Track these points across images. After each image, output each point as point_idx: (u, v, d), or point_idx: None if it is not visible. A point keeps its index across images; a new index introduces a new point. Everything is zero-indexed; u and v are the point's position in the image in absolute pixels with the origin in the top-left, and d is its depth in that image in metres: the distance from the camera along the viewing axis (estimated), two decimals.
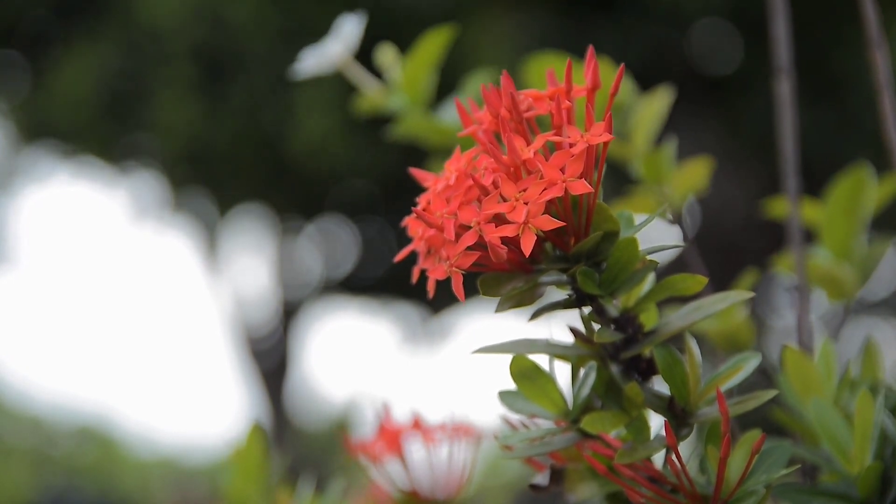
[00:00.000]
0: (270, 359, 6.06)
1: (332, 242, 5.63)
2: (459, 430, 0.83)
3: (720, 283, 0.84)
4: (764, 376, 0.75)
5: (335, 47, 0.90)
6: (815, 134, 3.75)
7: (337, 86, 3.67)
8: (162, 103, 4.22)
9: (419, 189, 0.58)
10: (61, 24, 4.50)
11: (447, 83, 0.93)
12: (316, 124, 3.89)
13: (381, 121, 0.94)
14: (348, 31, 0.90)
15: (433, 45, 0.90)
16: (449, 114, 0.91)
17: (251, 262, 6.03)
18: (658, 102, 0.87)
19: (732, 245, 4.39)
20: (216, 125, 4.21)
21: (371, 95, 0.91)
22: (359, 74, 0.91)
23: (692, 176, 0.87)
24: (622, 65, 0.57)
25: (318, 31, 0.94)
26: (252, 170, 4.52)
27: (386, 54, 0.92)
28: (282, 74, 0.92)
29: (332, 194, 4.98)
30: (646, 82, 0.92)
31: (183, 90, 4.17)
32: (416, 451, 0.82)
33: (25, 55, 4.73)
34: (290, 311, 6.01)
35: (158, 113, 4.24)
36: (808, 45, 3.67)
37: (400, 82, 0.90)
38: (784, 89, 0.85)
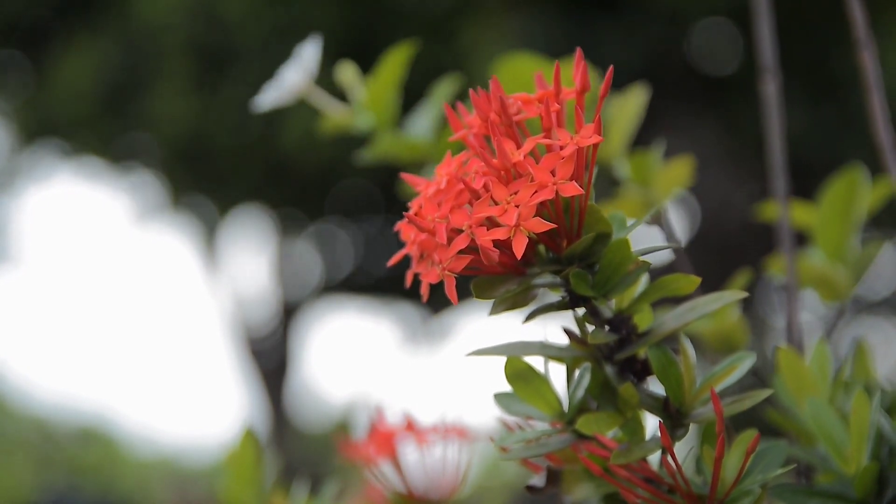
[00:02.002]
0: (270, 359, 6.06)
1: (332, 242, 5.63)
2: (453, 431, 0.83)
3: (720, 282, 0.84)
4: (757, 377, 0.75)
5: (294, 76, 0.88)
6: (815, 134, 3.75)
7: (325, 81, 3.68)
8: (160, 99, 4.23)
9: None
10: (61, 21, 4.51)
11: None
12: (305, 118, 3.89)
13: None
14: (307, 57, 0.89)
15: (397, 62, 0.89)
16: (419, 128, 0.90)
17: (251, 261, 6.04)
18: (633, 101, 0.86)
19: (732, 244, 4.39)
20: (213, 120, 4.22)
21: (336, 117, 0.90)
22: (322, 98, 0.90)
23: (675, 175, 0.87)
24: (611, 67, 0.57)
25: (310, 27, 0.94)
26: (250, 167, 4.53)
27: (346, 73, 0.90)
28: (275, 70, 0.91)
29: (332, 194, 4.99)
30: (646, 82, 0.91)
31: (180, 86, 4.17)
32: (410, 452, 0.82)
33: (26, 54, 4.74)
34: (290, 311, 6.01)
35: (157, 109, 4.25)
36: (808, 45, 3.67)
37: (365, 102, 0.89)
38: (770, 90, 0.85)
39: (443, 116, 0.89)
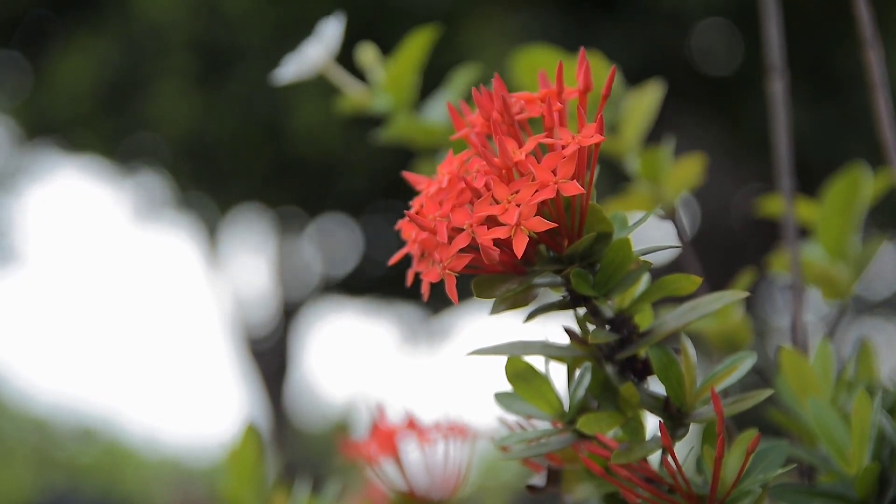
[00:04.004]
0: (271, 359, 6.06)
1: (332, 242, 5.63)
2: (454, 430, 0.83)
3: (720, 282, 0.84)
4: (760, 377, 0.75)
5: (316, 51, 0.89)
6: (815, 134, 3.75)
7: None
8: (161, 96, 4.23)
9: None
10: (60, 20, 4.51)
11: (444, 82, 0.93)
12: (311, 108, 3.88)
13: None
14: (329, 34, 0.89)
15: (417, 45, 0.89)
16: (435, 113, 0.90)
17: (252, 261, 6.04)
18: (649, 96, 0.86)
19: (733, 244, 4.39)
20: (215, 117, 4.22)
21: (355, 97, 0.91)
22: (341, 77, 0.90)
23: (686, 173, 0.87)
24: (614, 66, 0.57)
25: (312, 23, 0.94)
26: (252, 164, 4.53)
27: (367, 54, 0.91)
28: (278, 66, 0.92)
29: (333, 192, 4.99)
30: (652, 80, 0.91)
31: (182, 83, 4.18)
32: (411, 451, 0.82)
33: (25, 53, 4.74)
34: (290, 311, 6.01)
35: (158, 106, 4.26)
36: (810, 45, 3.67)
37: (384, 83, 0.89)
38: (777, 88, 0.85)
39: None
